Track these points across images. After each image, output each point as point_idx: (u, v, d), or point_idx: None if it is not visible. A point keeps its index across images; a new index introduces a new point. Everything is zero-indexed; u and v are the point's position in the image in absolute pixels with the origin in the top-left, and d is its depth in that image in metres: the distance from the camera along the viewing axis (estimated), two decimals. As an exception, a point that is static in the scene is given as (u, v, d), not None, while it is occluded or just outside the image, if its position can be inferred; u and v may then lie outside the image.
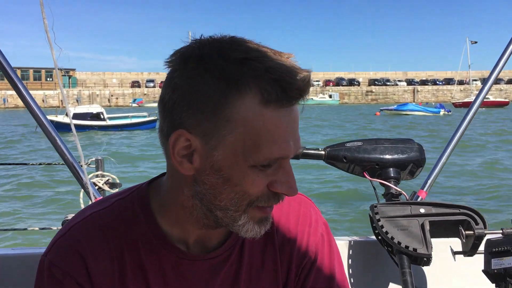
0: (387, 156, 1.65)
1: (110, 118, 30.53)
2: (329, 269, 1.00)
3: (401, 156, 1.65)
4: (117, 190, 2.45)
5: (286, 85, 0.79)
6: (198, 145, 0.83)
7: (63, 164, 1.85)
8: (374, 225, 1.60)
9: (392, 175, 1.65)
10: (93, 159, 2.69)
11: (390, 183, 1.65)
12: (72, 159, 1.76)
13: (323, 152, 1.68)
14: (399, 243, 1.52)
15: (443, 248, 1.61)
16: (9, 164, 8.34)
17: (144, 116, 31.38)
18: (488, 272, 1.44)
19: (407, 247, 1.51)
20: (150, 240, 0.91)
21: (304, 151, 1.67)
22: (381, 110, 47.02)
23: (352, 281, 1.77)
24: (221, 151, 0.81)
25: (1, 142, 23.07)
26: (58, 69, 1.72)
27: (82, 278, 0.88)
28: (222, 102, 0.80)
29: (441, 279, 1.79)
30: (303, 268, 0.99)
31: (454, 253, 1.58)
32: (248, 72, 0.79)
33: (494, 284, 1.45)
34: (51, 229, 2.99)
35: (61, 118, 22.91)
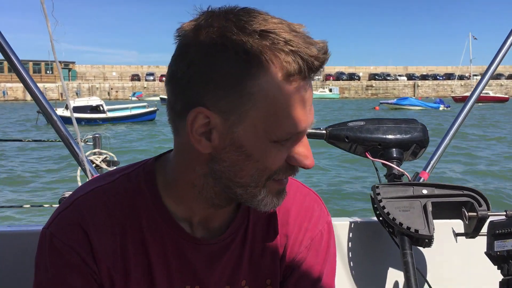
0: (390, 136, 1.63)
1: (110, 110, 30.51)
2: (319, 271, 0.99)
3: (404, 136, 1.63)
4: (115, 168, 2.42)
5: (307, 56, 0.78)
6: (217, 122, 0.81)
7: (59, 141, 1.83)
8: (375, 206, 1.58)
9: (394, 155, 1.63)
10: (90, 136, 2.66)
11: (392, 163, 1.63)
12: (69, 135, 1.73)
13: (324, 132, 1.65)
14: (400, 224, 1.50)
15: (445, 229, 1.59)
16: (5, 140, 8.28)
17: (144, 107, 31.35)
18: (490, 254, 1.42)
19: (408, 228, 1.49)
20: (153, 217, 0.90)
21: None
22: (381, 103, 47.05)
23: (352, 262, 1.75)
24: (242, 127, 0.80)
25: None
26: (58, 61, 1.71)
27: (85, 251, 0.87)
28: (244, 78, 0.78)
29: (442, 260, 1.78)
30: (293, 261, 0.97)
31: (456, 234, 1.56)
32: (269, 45, 0.77)
33: (496, 267, 1.44)
34: (49, 206, 2.97)
35: (60, 112, 22.87)
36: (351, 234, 1.76)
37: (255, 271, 0.95)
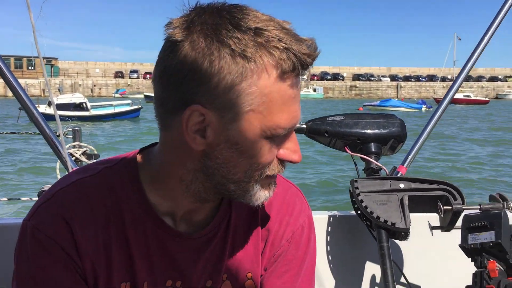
0: (369, 131, 1.65)
1: (93, 108, 30.13)
2: (299, 264, 0.99)
3: (382, 131, 1.66)
4: (95, 161, 2.41)
5: (300, 54, 0.79)
6: (213, 120, 0.80)
7: (38, 134, 1.81)
8: (353, 199, 1.60)
9: (373, 150, 1.66)
10: (70, 129, 2.62)
11: (371, 158, 1.65)
12: (48, 129, 1.72)
13: (304, 126, 1.67)
14: (378, 217, 1.52)
15: (421, 223, 1.62)
16: None
17: (128, 105, 31.03)
18: (464, 247, 1.46)
19: (385, 221, 1.51)
20: (136, 211, 0.89)
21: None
22: (364, 105, 47.38)
23: (330, 255, 1.78)
24: (237, 124, 0.80)
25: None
26: (41, 56, 1.68)
27: (68, 244, 0.85)
28: (240, 76, 0.78)
29: (418, 253, 1.81)
30: (274, 255, 0.98)
31: (432, 228, 1.59)
32: (264, 43, 0.78)
33: (470, 259, 1.47)
34: (27, 200, 2.93)
35: (43, 109, 22.35)
36: (329, 227, 1.79)
37: (236, 265, 0.95)
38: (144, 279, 0.89)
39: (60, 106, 27.21)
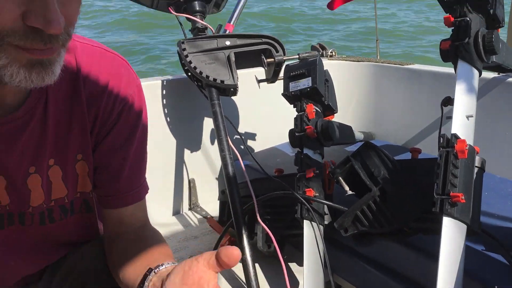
0: None
1: None
2: (130, 133, 0.96)
3: None
4: None
5: None
6: None
7: None
8: (183, 62, 1.59)
9: (197, 8, 1.62)
10: None
11: (196, 17, 1.62)
12: None
13: None
14: (207, 76, 1.55)
15: (248, 78, 1.70)
16: None
17: None
18: (286, 95, 1.57)
19: (215, 80, 1.55)
20: None
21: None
22: None
23: (168, 117, 1.81)
24: None
25: None
26: None
27: None
28: None
29: (248, 107, 1.93)
30: (104, 128, 0.93)
31: (259, 81, 1.68)
32: None
33: (292, 105, 1.60)
34: None
35: None
36: (164, 91, 1.79)
37: (62, 147, 0.90)
38: None
39: None
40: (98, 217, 1.04)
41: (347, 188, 1.32)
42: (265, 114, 2.00)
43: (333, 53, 2.33)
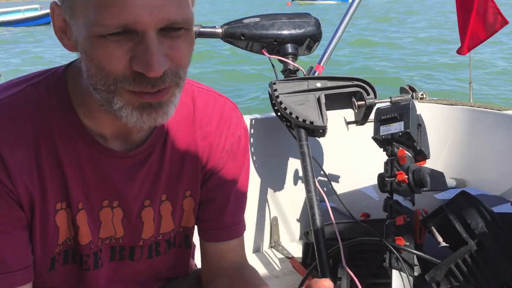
0: (285, 32, 1.64)
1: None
2: (237, 173, 1.01)
3: (298, 31, 1.65)
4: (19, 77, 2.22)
5: None
6: (68, 19, 0.75)
7: None
8: (273, 102, 1.63)
9: (290, 51, 1.66)
10: None
11: (288, 59, 1.66)
12: None
13: (220, 30, 1.63)
14: (296, 117, 1.57)
15: (337, 119, 1.69)
16: None
17: (37, 9, 28.40)
18: (377, 138, 1.55)
19: (304, 120, 1.57)
20: (66, 130, 0.84)
21: (201, 29, 1.62)
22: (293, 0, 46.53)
23: (255, 156, 1.84)
24: (74, 20, 0.74)
25: None
26: None
27: None
28: None
29: (336, 148, 1.91)
30: (213, 167, 0.98)
31: (348, 123, 1.67)
32: None
33: (382, 149, 1.57)
34: None
35: None
36: (252, 130, 1.83)
37: (174, 184, 0.94)
38: (79, 199, 0.87)
39: None
40: (192, 254, 1.07)
41: (440, 239, 1.26)
42: (352, 155, 1.98)
43: (424, 96, 2.27)
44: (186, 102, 0.94)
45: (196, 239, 1.04)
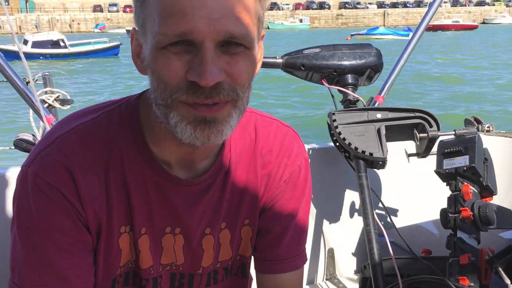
0: (345, 63, 1.64)
1: (72, 45, 29.25)
2: (296, 205, 1.00)
3: (359, 61, 1.65)
4: (69, 106, 2.34)
5: None
6: (141, 40, 0.80)
7: (5, 81, 1.74)
8: (332, 132, 1.62)
9: (350, 81, 1.66)
10: (40, 74, 2.52)
11: (348, 89, 1.65)
12: (16, 76, 1.66)
13: (280, 61, 1.65)
14: (356, 148, 1.55)
15: (398, 151, 1.66)
16: None
17: (106, 42, 30.09)
18: (440, 172, 1.50)
19: (363, 152, 1.54)
20: (134, 157, 0.87)
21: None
22: (352, 35, 46.55)
23: (312, 186, 1.82)
24: (145, 39, 0.77)
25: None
26: None
27: (70, 193, 0.83)
28: None
29: (395, 180, 1.86)
30: (271, 196, 0.98)
31: (409, 155, 1.63)
32: None
33: (445, 183, 1.52)
34: (4, 149, 2.89)
35: (10, 47, 21.00)
36: (310, 159, 1.82)
37: (234, 212, 0.96)
38: (143, 223, 0.89)
39: (37, 44, 26.46)
40: (249, 286, 1.06)
41: (508, 281, 1.19)
42: (412, 189, 1.92)
43: (491, 128, 2.18)
44: (249, 131, 0.95)
45: (253, 272, 1.03)
